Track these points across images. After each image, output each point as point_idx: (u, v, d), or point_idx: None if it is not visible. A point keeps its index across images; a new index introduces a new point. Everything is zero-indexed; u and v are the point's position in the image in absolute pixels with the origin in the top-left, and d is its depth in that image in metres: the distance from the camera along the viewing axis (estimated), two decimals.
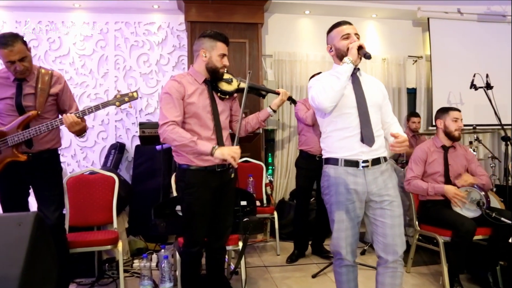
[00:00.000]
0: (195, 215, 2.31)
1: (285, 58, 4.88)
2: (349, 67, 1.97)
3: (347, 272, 2.13)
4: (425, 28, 5.21)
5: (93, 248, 2.82)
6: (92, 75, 4.48)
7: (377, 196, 2.03)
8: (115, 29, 4.53)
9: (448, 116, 3.08)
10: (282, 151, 4.87)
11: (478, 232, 2.81)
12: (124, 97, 2.43)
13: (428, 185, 2.99)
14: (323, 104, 1.96)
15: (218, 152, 2.12)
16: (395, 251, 2.01)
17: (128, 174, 4.47)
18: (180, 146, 2.17)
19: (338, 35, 2.08)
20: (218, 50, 2.30)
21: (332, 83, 1.96)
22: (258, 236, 4.36)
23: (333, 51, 2.12)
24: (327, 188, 2.09)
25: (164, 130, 2.18)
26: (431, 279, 3.16)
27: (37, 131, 2.38)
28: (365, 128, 2.01)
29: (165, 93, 2.25)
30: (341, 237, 2.07)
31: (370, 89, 2.10)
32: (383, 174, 2.05)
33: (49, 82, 2.49)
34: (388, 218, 2.01)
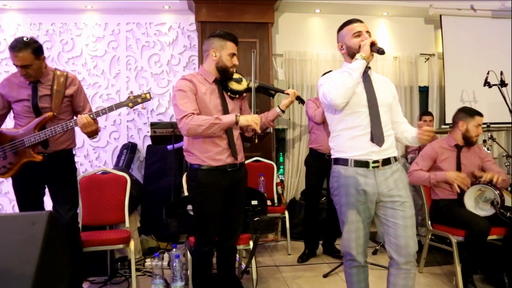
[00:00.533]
0: (207, 214, 2.32)
1: (296, 57, 4.86)
2: (362, 63, 1.95)
3: (357, 272, 2.11)
4: (437, 26, 5.14)
5: (105, 247, 2.86)
6: (104, 76, 4.53)
7: (387, 197, 2.00)
8: (126, 30, 4.57)
9: (473, 121, 3.01)
10: (293, 150, 4.86)
11: (492, 232, 2.77)
12: (137, 98, 2.47)
13: (430, 173, 2.96)
14: (335, 100, 1.94)
15: (242, 118, 2.22)
16: (408, 253, 1.97)
17: (140, 173, 4.50)
18: (208, 128, 2.17)
19: (349, 33, 2.06)
20: (228, 50, 2.32)
21: (344, 79, 1.94)
22: (269, 235, 4.36)
23: (344, 49, 2.09)
24: (336, 189, 2.07)
25: (184, 123, 2.18)
26: (444, 279, 3.12)
27: (52, 132, 2.42)
28: (375, 128, 1.99)
29: (179, 90, 2.26)
30: (351, 238, 2.05)
31: (381, 88, 2.07)
32: (393, 174, 2.02)
33: (64, 83, 2.53)
34: (400, 219, 1.98)
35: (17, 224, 1.42)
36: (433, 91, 5.19)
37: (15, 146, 2.43)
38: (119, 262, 3.23)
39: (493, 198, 2.80)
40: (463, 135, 3.04)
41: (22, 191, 2.56)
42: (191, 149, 2.33)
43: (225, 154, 2.31)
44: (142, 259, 3.60)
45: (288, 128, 4.84)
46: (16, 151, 2.44)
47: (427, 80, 5.24)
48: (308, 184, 3.74)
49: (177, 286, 2.69)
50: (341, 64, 5.34)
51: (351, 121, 2.02)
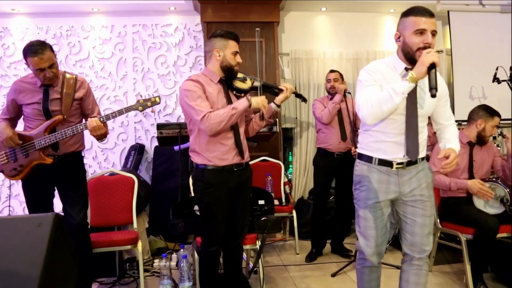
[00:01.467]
0: (214, 215, 2.33)
1: (302, 56, 4.84)
2: (410, 86, 1.72)
3: (369, 272, 2.06)
4: (445, 22, 5.08)
5: (114, 248, 2.88)
6: (111, 78, 4.57)
7: (409, 196, 1.95)
8: (133, 32, 4.59)
9: (492, 122, 2.99)
10: (301, 149, 4.85)
11: (502, 230, 2.74)
12: (147, 102, 2.48)
13: (450, 180, 2.93)
14: (366, 119, 1.85)
15: (254, 101, 2.29)
16: (422, 250, 1.95)
17: (148, 174, 4.53)
18: (228, 121, 2.22)
19: (411, 26, 1.79)
20: (231, 48, 2.33)
21: (383, 101, 1.76)
22: (278, 235, 4.35)
23: (400, 41, 1.86)
24: (358, 183, 2.02)
25: (205, 125, 2.20)
26: (454, 278, 3.09)
27: (63, 135, 2.45)
28: (410, 141, 1.86)
29: (188, 90, 2.26)
30: (368, 235, 1.99)
31: (425, 94, 1.84)
32: (418, 173, 1.95)
33: (74, 86, 2.56)
34: (419, 217, 1.93)
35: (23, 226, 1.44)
36: None
37: (26, 148, 2.46)
38: (127, 263, 3.25)
39: (502, 196, 2.77)
40: (478, 133, 3.01)
41: (32, 193, 2.59)
42: (197, 149, 2.33)
43: (231, 154, 2.32)
44: (150, 260, 3.62)
45: (295, 127, 4.83)
46: (26, 154, 2.47)
47: None
48: (317, 183, 3.73)
49: (184, 286, 2.69)
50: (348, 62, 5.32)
51: (383, 126, 1.91)
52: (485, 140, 3.01)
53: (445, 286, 2.96)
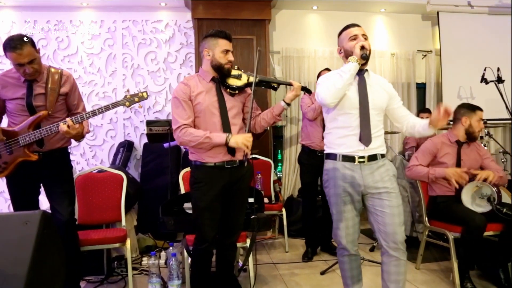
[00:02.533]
0: (202, 210, 2.34)
1: (293, 54, 4.85)
2: (353, 65, 2.07)
3: (349, 261, 2.26)
4: (435, 22, 5.13)
5: (101, 246, 2.84)
6: (100, 74, 4.51)
7: (374, 188, 2.13)
8: (122, 28, 4.55)
9: (475, 116, 3.03)
10: (291, 147, 4.86)
11: (489, 228, 2.78)
12: (134, 97, 2.46)
13: (429, 168, 2.98)
14: (325, 100, 2.09)
15: (233, 140, 2.24)
16: (395, 239, 2.10)
17: (136, 172, 4.49)
18: (197, 145, 2.27)
19: (346, 37, 2.19)
20: (221, 47, 2.33)
21: (334, 81, 2.08)
22: (267, 233, 4.35)
23: (342, 52, 2.23)
24: (326, 181, 2.23)
25: (177, 136, 2.30)
26: (441, 275, 3.13)
27: (48, 131, 2.40)
28: (364, 129, 2.12)
29: (174, 97, 2.34)
30: (340, 227, 2.20)
31: (375, 92, 2.18)
32: (379, 168, 2.16)
33: (59, 81, 2.51)
34: (387, 208, 2.11)
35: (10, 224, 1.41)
36: (430, 88, 5.20)
37: (10, 145, 2.41)
38: (115, 261, 3.22)
39: (489, 194, 2.80)
40: (466, 131, 3.04)
41: (17, 190, 2.54)
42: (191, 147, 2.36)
43: (221, 152, 2.32)
44: (139, 258, 3.59)
45: (285, 125, 4.84)
46: (10, 150, 2.42)
47: (425, 76, 5.25)
48: (303, 181, 3.73)
49: (173, 284, 2.68)
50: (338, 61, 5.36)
51: (342, 121, 2.16)
52: (474, 135, 3.04)
53: (432, 283, 2.99)
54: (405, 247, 2.14)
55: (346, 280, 2.30)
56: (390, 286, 2.15)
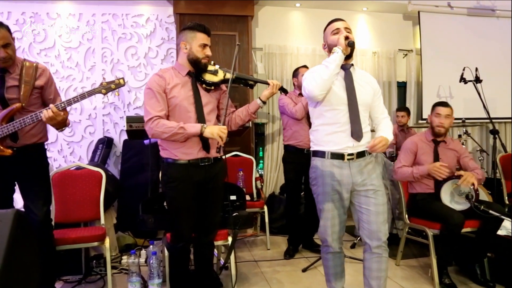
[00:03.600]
0: (178, 209, 2.30)
1: (276, 51, 4.84)
2: (338, 55, 2.05)
3: (333, 258, 2.27)
4: (416, 22, 5.20)
5: (79, 245, 2.77)
6: (78, 68, 4.40)
7: (361, 186, 2.13)
8: (102, 21, 4.44)
9: (433, 111, 3.11)
10: (273, 145, 4.85)
11: (467, 225, 2.82)
12: (111, 84, 2.35)
13: (412, 168, 3.02)
14: (313, 92, 2.05)
15: (208, 130, 2.17)
16: (379, 237, 2.11)
17: (116, 169, 4.40)
18: (171, 137, 2.18)
19: (329, 31, 2.19)
20: (198, 41, 2.28)
21: (321, 72, 2.05)
22: (248, 230, 4.34)
23: (327, 47, 2.21)
24: (314, 179, 2.20)
25: (149, 127, 2.21)
26: (420, 271, 3.17)
27: (21, 124, 2.30)
28: (354, 124, 2.10)
29: (147, 88, 2.26)
30: (328, 225, 2.19)
31: (361, 87, 2.17)
32: (367, 165, 2.16)
33: (34, 74, 2.42)
34: (372, 206, 2.12)
35: None
36: (411, 87, 5.27)
37: None
38: (94, 260, 3.15)
39: (468, 192, 2.85)
40: (432, 128, 3.12)
41: None
42: (163, 143, 2.30)
43: (196, 148, 2.27)
44: (118, 257, 3.52)
45: (267, 122, 4.82)
46: None
47: (405, 75, 5.32)
48: (287, 178, 3.69)
49: (154, 283, 2.64)
50: (321, 58, 5.37)
51: (330, 118, 2.13)
52: (435, 131, 3.08)
53: (411, 279, 3.04)
54: (387, 244, 2.15)
55: (329, 277, 2.31)
56: (371, 282, 2.15)
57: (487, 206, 2.74)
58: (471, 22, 5.22)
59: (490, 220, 2.76)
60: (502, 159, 3.99)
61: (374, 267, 2.14)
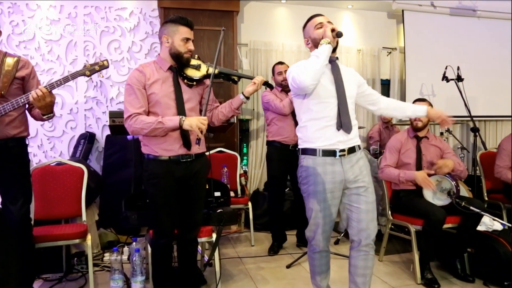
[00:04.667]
0: (159, 206, 2.28)
1: (261, 47, 4.82)
2: (327, 47, 2.02)
3: (320, 257, 2.25)
4: (400, 20, 5.26)
5: (60, 242, 2.70)
6: (59, 62, 4.29)
7: (353, 183, 2.11)
8: (84, 14, 4.34)
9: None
10: (257, 141, 4.84)
11: (448, 221, 2.88)
12: (95, 66, 2.28)
13: (399, 171, 3.04)
14: (304, 82, 1.97)
15: (186, 122, 2.13)
16: (368, 235, 2.11)
17: (98, 165, 4.33)
18: (150, 132, 2.16)
19: (312, 26, 2.16)
20: (181, 35, 2.24)
21: (311, 63, 2.00)
22: (232, 227, 4.33)
23: (310, 43, 2.18)
24: (305, 178, 2.14)
25: (128, 125, 2.18)
26: (403, 267, 3.22)
27: (1, 111, 2.21)
28: (343, 116, 2.07)
29: (127, 84, 2.23)
30: (318, 225, 2.15)
31: (347, 80, 2.16)
32: (358, 161, 2.14)
33: (16, 65, 2.34)
34: (363, 204, 2.10)
35: None
36: (394, 84, 5.32)
37: None
38: (75, 258, 3.09)
39: (449, 189, 2.90)
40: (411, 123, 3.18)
41: None
42: (145, 140, 2.28)
43: (176, 145, 2.25)
44: (100, 254, 3.47)
45: (252, 118, 4.81)
46: None
47: (389, 73, 5.37)
48: (270, 174, 3.67)
49: (137, 281, 2.60)
50: (306, 55, 5.37)
51: (318, 112, 2.09)
52: (414, 125, 3.13)
53: (394, 274, 3.07)
54: (374, 241, 2.15)
55: (314, 275, 2.30)
56: (357, 279, 2.14)
57: (468, 203, 2.79)
58: (453, 21, 5.30)
59: (470, 216, 2.82)
60: (482, 157, 4.08)
61: (360, 265, 2.13)
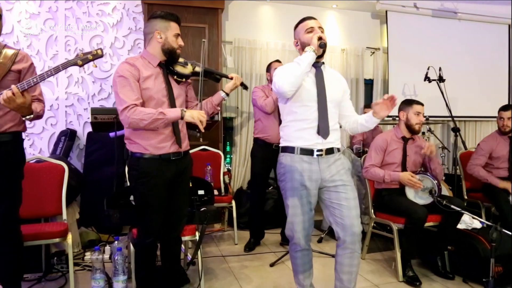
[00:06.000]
0: (149, 205, 2.23)
1: (245, 45, 4.80)
2: (311, 55, 2.07)
3: (301, 256, 2.26)
4: (383, 21, 5.31)
5: (40, 242, 2.63)
6: (39, 57, 4.19)
7: (330, 181, 2.14)
8: (65, 8, 4.24)
9: (411, 109, 3.13)
10: (241, 139, 4.83)
11: (429, 219, 2.93)
12: (88, 55, 2.11)
13: (384, 172, 3.06)
14: (283, 88, 2.04)
15: (188, 114, 2.11)
16: (353, 232, 2.11)
17: (79, 162, 4.25)
18: (150, 124, 2.09)
19: (302, 29, 2.19)
20: (173, 30, 2.23)
21: (292, 69, 2.06)
22: (216, 225, 4.31)
23: (299, 45, 2.22)
24: (283, 175, 2.19)
25: (126, 116, 2.09)
26: (385, 264, 3.26)
27: None
28: (322, 121, 2.12)
29: (120, 76, 2.13)
30: (296, 222, 2.18)
31: (331, 85, 2.20)
32: (336, 162, 2.18)
33: (13, 58, 2.20)
34: (343, 200, 2.12)
35: None
36: (377, 84, 5.38)
37: None
38: (55, 257, 3.02)
39: (431, 187, 2.94)
40: (406, 125, 3.16)
41: None
42: (132, 137, 2.22)
43: (168, 142, 2.23)
44: (81, 253, 3.41)
45: (236, 116, 4.79)
46: None
47: (372, 73, 5.42)
48: (255, 172, 3.68)
49: (119, 280, 2.56)
50: (290, 54, 5.39)
51: (300, 114, 2.15)
52: (413, 128, 3.14)
53: (376, 272, 3.11)
54: (360, 238, 2.15)
55: (297, 274, 2.31)
56: (342, 277, 2.16)
57: (449, 201, 2.84)
58: (436, 23, 5.39)
59: (451, 215, 2.87)
60: (462, 156, 4.16)
61: (346, 262, 2.15)
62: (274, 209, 4.26)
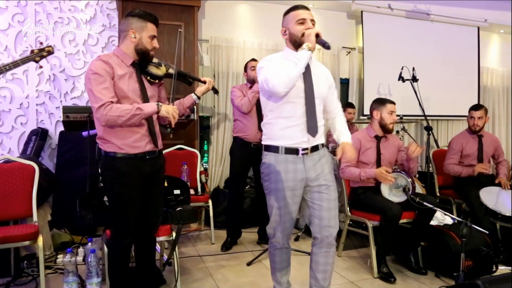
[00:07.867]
0: (126, 205, 2.19)
1: (222, 43, 4.78)
2: (308, 53, 1.97)
3: (280, 253, 2.25)
4: (359, 21, 5.38)
5: (8, 245, 2.53)
6: (8, 53, 4.04)
7: (315, 181, 2.10)
8: (35, 3, 4.10)
9: (385, 109, 3.16)
10: (217, 138, 4.80)
11: (404, 216, 2.98)
12: (42, 52, 2.30)
13: (360, 170, 3.10)
14: (276, 88, 1.93)
15: (163, 109, 2.12)
16: (330, 232, 2.11)
17: (51, 162, 4.12)
18: (128, 120, 2.06)
19: (293, 19, 2.06)
20: (149, 32, 2.19)
21: (289, 69, 1.93)
22: (192, 225, 4.27)
23: (287, 35, 2.10)
24: (267, 175, 2.13)
25: (102, 114, 2.03)
26: (361, 261, 3.30)
27: None
28: (310, 119, 2.04)
29: (94, 73, 2.07)
30: (279, 222, 2.14)
31: (318, 79, 2.11)
32: (321, 159, 2.13)
33: None
34: (325, 201, 2.10)
35: None
36: (353, 83, 5.45)
37: None
38: (25, 261, 2.92)
39: (405, 185, 3.00)
40: (379, 124, 3.19)
41: None
42: (106, 136, 2.16)
43: (144, 141, 2.19)
44: (53, 256, 3.31)
45: (212, 116, 4.76)
46: None
47: (348, 72, 5.48)
48: (233, 171, 3.66)
49: (92, 282, 2.50)
50: (267, 53, 5.39)
51: (285, 111, 2.05)
52: (388, 128, 3.17)
53: (352, 269, 3.15)
54: (335, 238, 2.15)
55: (275, 271, 2.30)
56: (317, 275, 2.16)
57: (422, 198, 2.90)
58: (409, 24, 5.51)
59: (424, 211, 2.93)
60: (435, 154, 4.26)
61: (322, 261, 2.15)
62: (251, 207, 4.25)
